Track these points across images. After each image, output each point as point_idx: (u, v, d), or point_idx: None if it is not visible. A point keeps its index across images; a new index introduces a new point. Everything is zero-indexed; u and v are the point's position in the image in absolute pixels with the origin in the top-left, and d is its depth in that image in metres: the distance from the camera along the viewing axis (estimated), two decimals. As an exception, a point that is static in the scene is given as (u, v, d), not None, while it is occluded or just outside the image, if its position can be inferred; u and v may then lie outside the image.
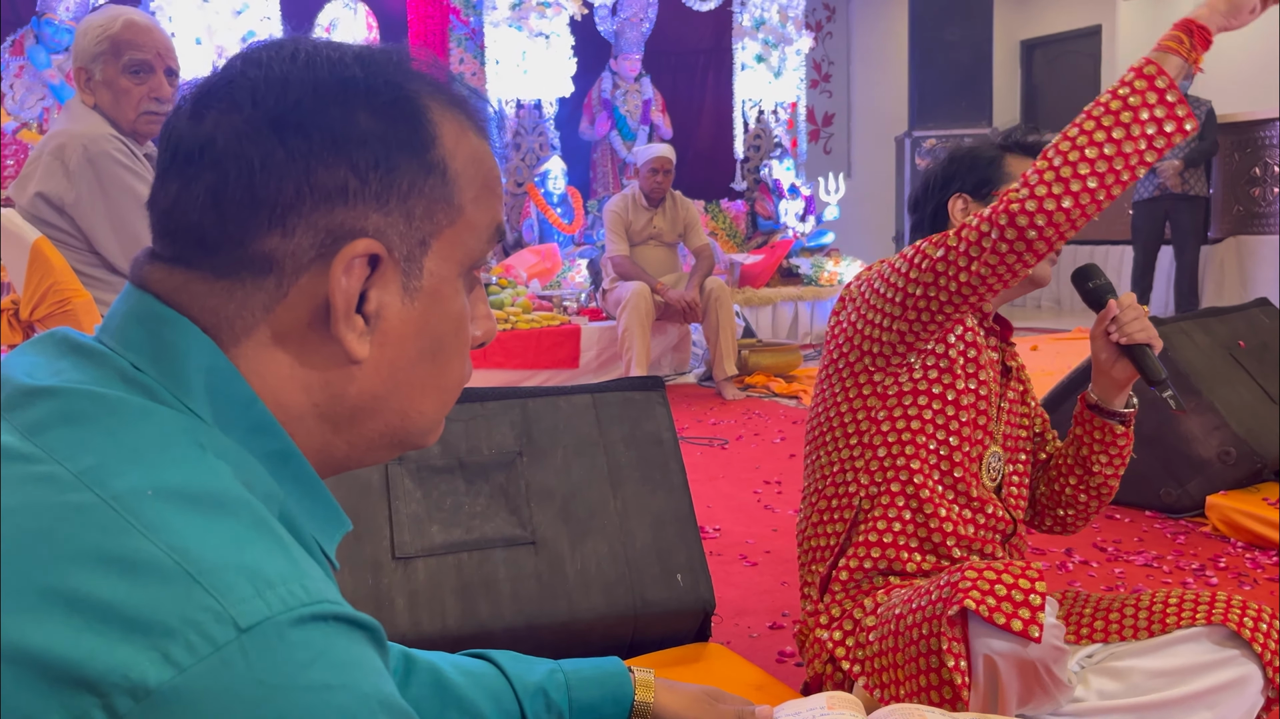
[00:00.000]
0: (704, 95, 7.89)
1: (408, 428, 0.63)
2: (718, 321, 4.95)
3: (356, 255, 0.57)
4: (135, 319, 0.57)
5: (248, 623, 0.44)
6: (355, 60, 0.60)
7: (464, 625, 1.69)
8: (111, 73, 2.12)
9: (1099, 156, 1.25)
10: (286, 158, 0.56)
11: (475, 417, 1.87)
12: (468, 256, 0.63)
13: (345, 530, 0.64)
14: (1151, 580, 2.35)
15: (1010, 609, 1.19)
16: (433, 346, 0.62)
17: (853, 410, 1.52)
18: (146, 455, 0.50)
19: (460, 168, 0.61)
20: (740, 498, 3.17)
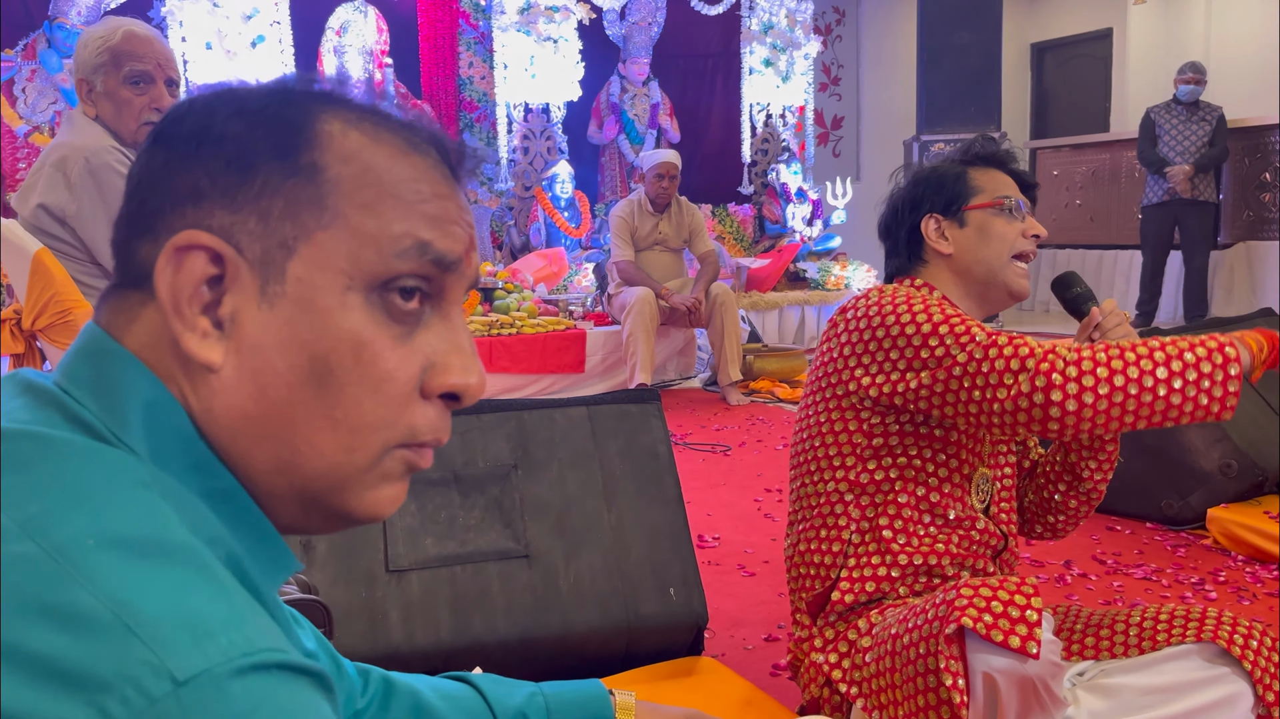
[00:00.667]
0: (712, 99, 7.89)
1: (303, 467, 0.58)
2: (723, 327, 4.95)
3: (180, 246, 0.55)
4: (84, 355, 0.58)
5: (185, 676, 0.44)
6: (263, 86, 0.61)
7: (457, 638, 1.70)
8: (112, 84, 2.13)
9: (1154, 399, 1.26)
10: (158, 167, 0.58)
11: (471, 429, 1.88)
12: (359, 269, 0.57)
13: (293, 571, 0.63)
14: (1150, 594, 2.34)
15: (1008, 626, 1.18)
16: (314, 366, 0.56)
17: (839, 444, 1.51)
18: (90, 500, 0.49)
19: (345, 172, 0.58)
20: (741, 506, 3.17)
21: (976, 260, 1.53)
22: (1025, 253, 1.54)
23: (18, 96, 5.56)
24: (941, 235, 1.54)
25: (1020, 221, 1.54)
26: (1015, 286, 1.53)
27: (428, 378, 0.60)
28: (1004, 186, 1.56)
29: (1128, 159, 7.79)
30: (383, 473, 0.60)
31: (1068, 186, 8.38)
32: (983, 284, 1.54)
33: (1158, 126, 6.71)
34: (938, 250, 1.54)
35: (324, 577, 1.68)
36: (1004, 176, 1.57)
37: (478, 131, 6.90)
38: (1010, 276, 1.53)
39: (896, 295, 1.46)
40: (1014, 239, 1.53)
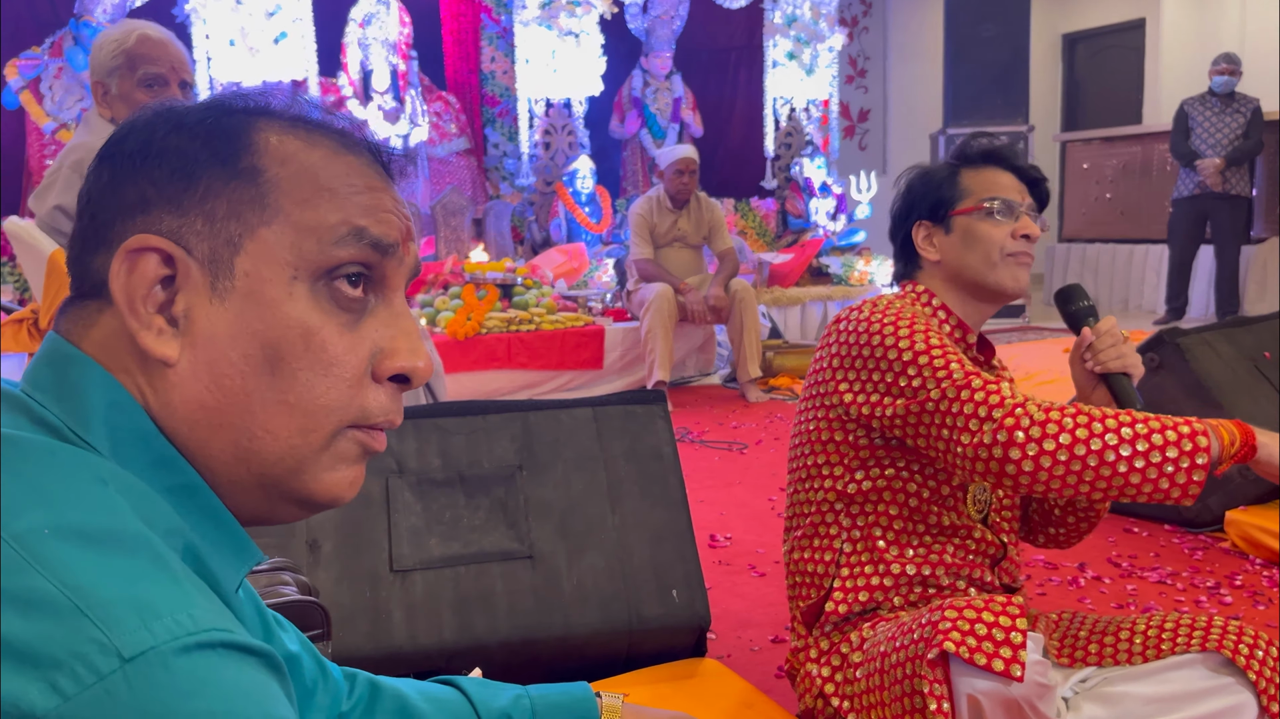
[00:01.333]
0: (735, 93, 7.86)
1: (260, 452, 0.61)
2: (742, 323, 4.94)
3: (131, 249, 0.59)
4: (46, 361, 0.61)
5: (131, 653, 0.46)
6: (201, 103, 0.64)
7: (460, 639, 1.71)
8: (127, 87, 2.16)
9: (1113, 475, 1.24)
10: (104, 185, 0.62)
11: (476, 430, 1.89)
12: (303, 259, 0.61)
13: (255, 562, 0.65)
14: (1165, 598, 2.32)
15: (991, 649, 1.18)
16: (265, 354, 0.60)
17: (827, 453, 1.52)
18: (48, 495, 0.52)
19: (283, 173, 0.62)
20: (755, 505, 3.17)
21: (964, 266, 1.50)
22: (1013, 252, 1.49)
23: (45, 94, 5.64)
24: (929, 242, 1.53)
25: (1011, 222, 1.50)
26: (1008, 286, 1.50)
27: (377, 362, 0.64)
28: (994, 187, 1.51)
29: (1160, 152, 7.68)
30: (338, 454, 0.63)
31: (1098, 180, 8.28)
32: (974, 288, 1.51)
33: (1191, 119, 6.61)
34: (927, 258, 1.54)
35: (328, 576, 1.70)
36: (1000, 175, 1.52)
37: (500, 126, 6.92)
38: (1001, 277, 1.49)
39: (888, 311, 1.45)
40: (1001, 241, 1.48)
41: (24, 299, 5.13)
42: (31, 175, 5.71)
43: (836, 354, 1.48)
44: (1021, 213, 1.51)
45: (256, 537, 0.66)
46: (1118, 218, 8.16)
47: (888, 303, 1.48)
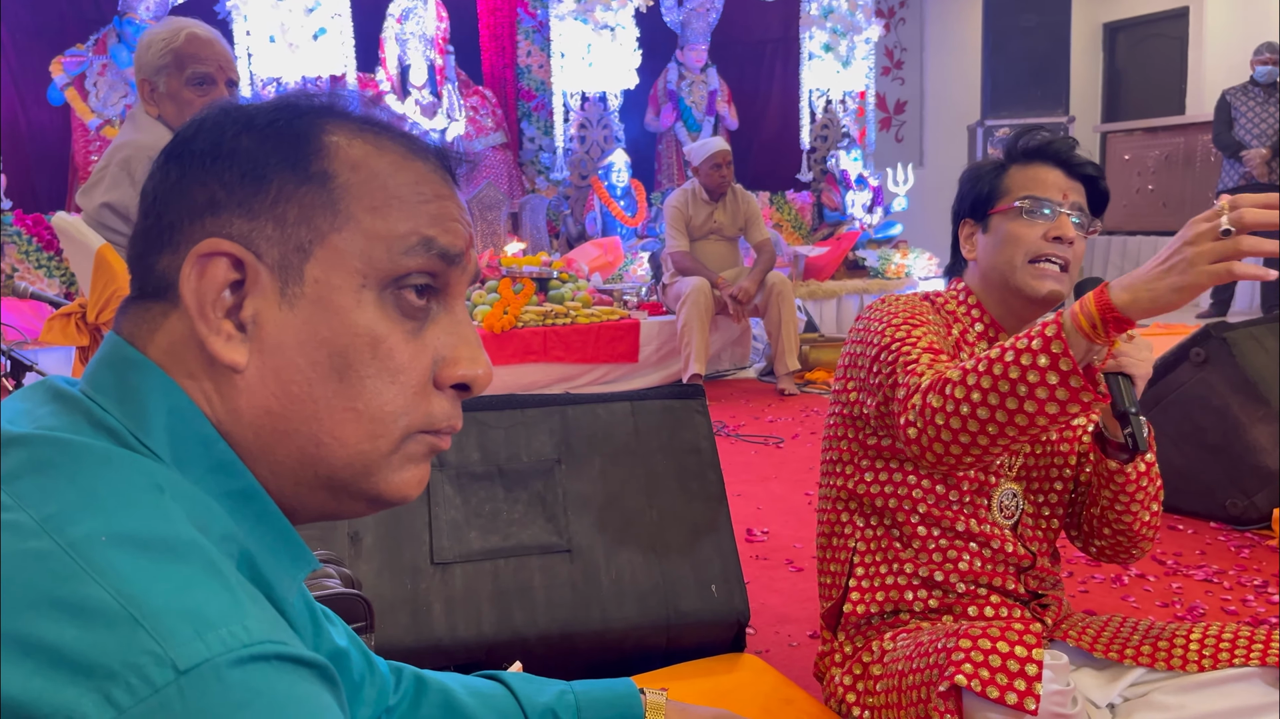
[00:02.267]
0: (770, 85, 7.82)
1: (327, 458, 0.61)
2: (779, 316, 4.92)
3: (202, 253, 0.59)
4: (106, 363, 0.61)
5: (186, 665, 0.46)
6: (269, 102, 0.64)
7: (499, 631, 1.72)
8: (175, 85, 2.19)
9: (990, 419, 1.20)
10: (171, 184, 0.62)
11: (515, 424, 1.90)
12: (372, 268, 0.61)
13: (310, 569, 0.65)
14: (1211, 598, 2.28)
15: (1005, 681, 1.16)
16: (333, 362, 0.60)
17: (839, 451, 1.52)
18: (104, 502, 0.52)
19: (354, 179, 0.62)
20: (791, 500, 3.16)
21: (992, 267, 1.47)
22: (1042, 255, 1.42)
23: (89, 91, 5.72)
24: (970, 241, 1.50)
25: (1045, 222, 1.43)
26: (1030, 291, 1.43)
27: (439, 370, 0.64)
28: (1036, 184, 1.45)
29: (1203, 142, 7.54)
30: (406, 455, 0.63)
31: (1139, 171, 8.15)
32: (1003, 291, 1.47)
33: (1234, 109, 6.49)
34: (966, 256, 1.51)
35: (369, 568, 1.71)
36: (1047, 172, 1.46)
37: (535, 120, 6.94)
38: (1024, 281, 1.43)
39: (894, 306, 1.45)
40: (1030, 242, 1.42)
41: (71, 293, 5.22)
42: (77, 171, 5.81)
43: (848, 352, 1.49)
44: (1060, 212, 1.43)
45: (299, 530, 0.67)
46: (1159, 209, 8.04)
47: (895, 300, 1.47)
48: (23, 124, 5.92)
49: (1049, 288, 1.43)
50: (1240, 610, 2.20)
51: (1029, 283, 1.43)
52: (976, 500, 1.46)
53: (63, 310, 2.25)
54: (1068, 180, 1.46)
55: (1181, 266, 1.11)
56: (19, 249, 5.40)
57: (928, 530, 1.46)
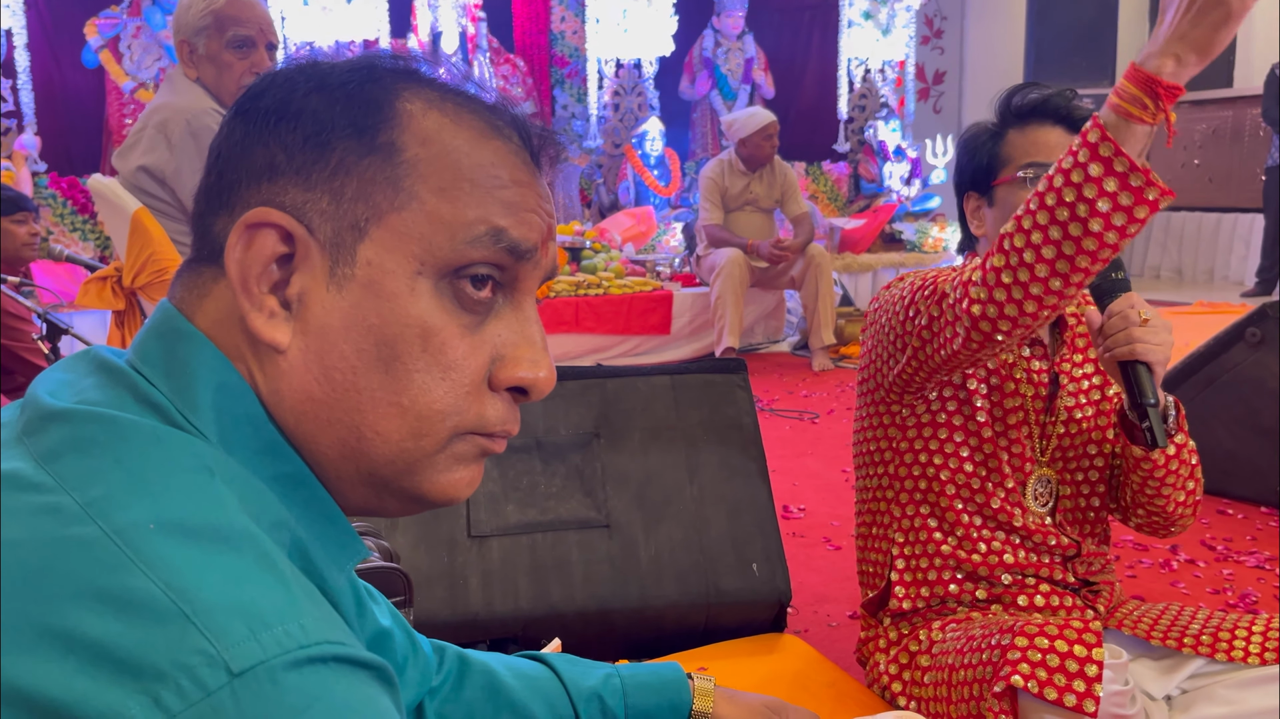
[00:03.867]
0: (808, 53, 7.69)
1: (369, 453, 0.57)
2: (817, 289, 4.85)
3: (251, 223, 0.55)
4: (155, 334, 0.57)
5: (240, 667, 0.43)
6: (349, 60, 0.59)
7: (536, 606, 1.69)
8: (215, 47, 2.16)
9: (1057, 256, 1.09)
10: (235, 142, 0.57)
11: (554, 397, 1.86)
12: (432, 255, 0.56)
13: (360, 559, 0.62)
14: (1263, 585, 2.22)
15: (1063, 682, 1.12)
16: (380, 351, 0.56)
17: (877, 439, 1.47)
18: (152, 485, 0.49)
19: (423, 154, 0.56)
20: (828, 476, 3.11)
21: None
22: None
23: (123, 53, 5.72)
24: (977, 216, 1.41)
25: None
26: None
27: (495, 370, 0.59)
28: (1036, 149, 1.33)
29: (1252, 116, 7.34)
30: (454, 455, 0.59)
31: (1185, 145, 7.96)
32: None
33: (1285, 82, 6.31)
34: (974, 232, 1.42)
35: (406, 541, 1.69)
36: (1048, 133, 1.34)
37: (569, 87, 6.86)
38: None
39: (909, 277, 1.39)
40: None
41: (105, 257, 5.24)
42: (111, 134, 5.81)
43: (870, 334, 1.43)
44: None
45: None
46: (1206, 185, 7.85)
47: (906, 275, 1.42)
48: (57, 87, 5.92)
49: None
50: (1294, 599, 2.14)
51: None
52: (1009, 485, 1.40)
53: (98, 274, 2.24)
54: (1071, 138, 1.33)
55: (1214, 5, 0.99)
56: (54, 212, 5.42)
57: (969, 519, 1.41)
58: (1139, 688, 1.34)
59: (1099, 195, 1.05)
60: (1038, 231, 1.10)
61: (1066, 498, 1.44)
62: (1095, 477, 1.46)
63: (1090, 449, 1.44)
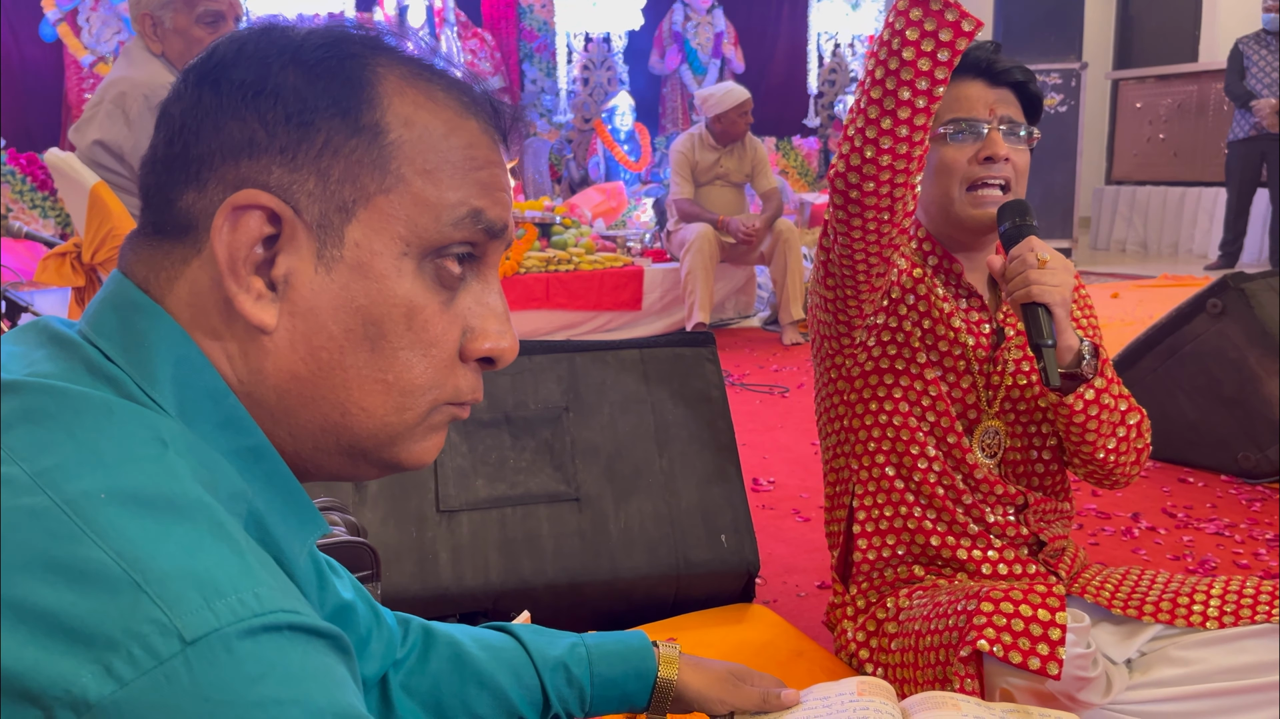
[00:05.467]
0: (778, 28, 7.67)
1: (352, 427, 0.58)
2: (786, 264, 4.86)
3: (239, 205, 0.54)
4: (110, 305, 0.57)
5: (193, 635, 0.43)
6: (320, 31, 0.58)
7: (506, 580, 1.70)
8: (184, 21, 2.13)
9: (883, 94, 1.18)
10: (204, 112, 0.56)
11: (523, 370, 1.86)
12: (417, 236, 0.57)
13: (320, 534, 0.62)
14: (1222, 551, 2.26)
15: (1028, 645, 1.14)
16: (367, 331, 0.57)
17: (831, 397, 1.49)
18: (104, 456, 0.48)
19: (406, 136, 0.57)
20: (797, 449, 3.13)
21: (931, 200, 1.40)
22: (978, 180, 1.34)
23: (82, 27, 5.61)
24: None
25: (974, 143, 1.35)
26: (971, 221, 1.36)
27: (466, 342, 0.61)
28: (958, 104, 1.35)
29: (1216, 91, 7.42)
30: (430, 425, 0.61)
31: (1151, 120, 8.03)
32: (945, 224, 1.40)
33: (1246, 58, 6.37)
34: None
35: (374, 516, 1.68)
36: (968, 86, 1.36)
37: (538, 62, 6.81)
38: (964, 211, 1.36)
39: None
40: (963, 168, 1.34)
41: (65, 233, 5.16)
42: (70, 109, 5.71)
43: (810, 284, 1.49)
44: (989, 129, 1.34)
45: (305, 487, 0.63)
46: (1170, 159, 7.93)
47: None
48: (15, 61, 5.80)
49: (987, 213, 1.35)
50: (1252, 564, 2.19)
51: (969, 212, 1.36)
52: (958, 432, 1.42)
53: (57, 250, 2.20)
54: (993, 91, 1.37)
55: None
56: (13, 189, 5.32)
57: (926, 465, 1.42)
58: (1102, 653, 1.36)
59: (908, 25, 1.16)
60: (868, 78, 1.20)
61: (1015, 450, 1.45)
62: (1047, 430, 1.47)
63: (1041, 403, 1.46)
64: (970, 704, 1.04)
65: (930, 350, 1.42)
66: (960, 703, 1.04)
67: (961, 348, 1.41)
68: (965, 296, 1.43)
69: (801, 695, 1.03)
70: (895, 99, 1.18)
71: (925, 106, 1.18)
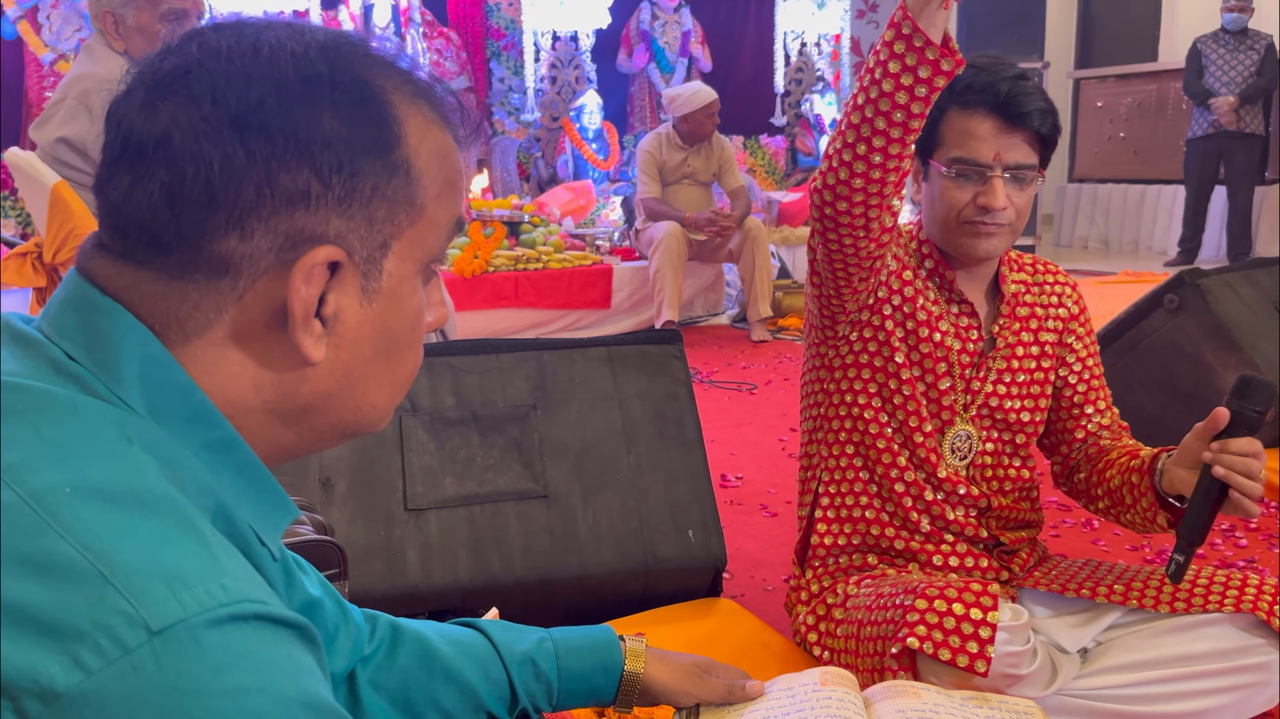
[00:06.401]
0: (745, 27, 7.69)
1: (360, 420, 0.64)
2: (754, 262, 4.89)
3: (317, 264, 0.56)
4: (72, 307, 0.57)
5: (160, 625, 0.44)
6: (320, 54, 0.58)
7: (475, 578, 1.70)
8: (146, 19, 2.11)
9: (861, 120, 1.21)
10: (247, 159, 0.54)
11: (490, 369, 1.87)
12: (427, 254, 0.62)
13: (292, 518, 0.64)
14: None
15: (957, 643, 1.17)
16: (389, 345, 0.62)
17: (812, 384, 1.53)
18: (69, 452, 0.49)
19: (424, 166, 0.60)
20: (765, 445, 3.16)
21: (931, 219, 1.43)
22: (975, 222, 1.35)
23: (42, 24, 5.53)
24: (916, 180, 1.45)
25: (976, 186, 1.34)
26: (965, 249, 1.39)
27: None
28: (967, 141, 1.33)
29: (1175, 90, 7.54)
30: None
31: (1112, 119, 8.14)
32: (942, 240, 1.43)
33: (1204, 57, 6.48)
34: (914, 198, 1.50)
35: (342, 515, 1.68)
36: (980, 123, 1.33)
37: (505, 60, 6.79)
38: (960, 240, 1.39)
39: None
40: (961, 208, 1.36)
41: (26, 233, 5.08)
42: (31, 108, 5.62)
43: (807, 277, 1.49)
44: (991, 176, 1.33)
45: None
46: (1131, 157, 8.05)
47: None
48: (-27, 59, 5.70)
49: (984, 249, 1.38)
50: (1208, 554, 2.24)
51: (964, 242, 1.39)
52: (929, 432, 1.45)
53: (17, 250, 2.18)
54: (1004, 133, 1.32)
55: None
56: (-28, 189, 5.24)
57: (891, 460, 1.45)
58: (1053, 643, 1.39)
59: (891, 57, 1.18)
60: (851, 102, 1.23)
61: (985, 454, 1.48)
62: (1022, 439, 1.50)
63: (1024, 415, 1.49)
64: (931, 693, 1.06)
65: (911, 351, 1.44)
66: (921, 691, 1.06)
67: (945, 351, 1.44)
68: (956, 302, 1.46)
69: (766, 687, 1.05)
70: (871, 127, 1.21)
71: (900, 138, 1.21)
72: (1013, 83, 1.32)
